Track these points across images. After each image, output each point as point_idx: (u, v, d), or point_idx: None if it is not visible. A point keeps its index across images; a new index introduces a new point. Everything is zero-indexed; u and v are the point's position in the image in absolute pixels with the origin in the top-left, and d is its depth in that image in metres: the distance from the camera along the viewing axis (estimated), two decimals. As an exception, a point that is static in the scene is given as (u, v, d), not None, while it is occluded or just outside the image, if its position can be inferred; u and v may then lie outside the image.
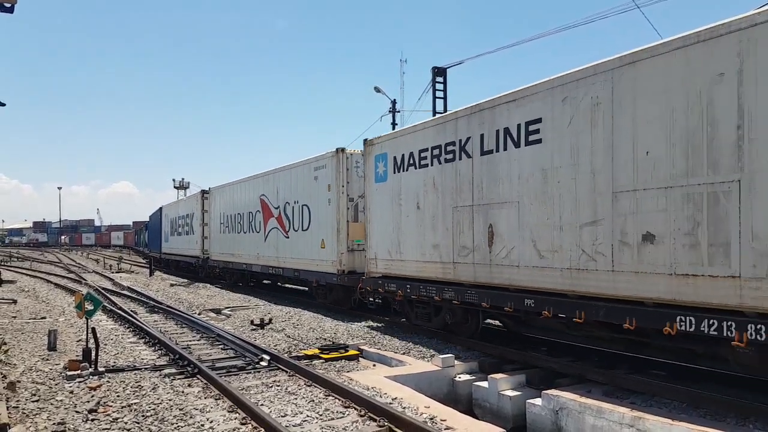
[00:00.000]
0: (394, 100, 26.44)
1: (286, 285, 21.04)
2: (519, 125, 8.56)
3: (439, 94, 19.95)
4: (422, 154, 10.85)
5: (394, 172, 11.76)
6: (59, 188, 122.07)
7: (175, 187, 79.79)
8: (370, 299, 13.31)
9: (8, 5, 9.08)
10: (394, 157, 11.73)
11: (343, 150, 14.57)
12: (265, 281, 22.20)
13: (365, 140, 13.00)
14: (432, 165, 10.57)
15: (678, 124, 6.41)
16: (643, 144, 6.76)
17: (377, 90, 26.50)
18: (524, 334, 10.28)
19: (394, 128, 25.86)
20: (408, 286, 11.26)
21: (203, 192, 26.70)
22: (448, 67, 20.27)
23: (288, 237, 17.53)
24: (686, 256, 6.33)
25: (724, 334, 5.98)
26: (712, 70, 6.08)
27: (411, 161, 11.21)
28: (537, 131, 8.25)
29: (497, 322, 11.60)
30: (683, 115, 6.36)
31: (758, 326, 5.72)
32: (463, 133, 9.74)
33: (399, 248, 11.62)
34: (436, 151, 10.47)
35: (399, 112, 26.46)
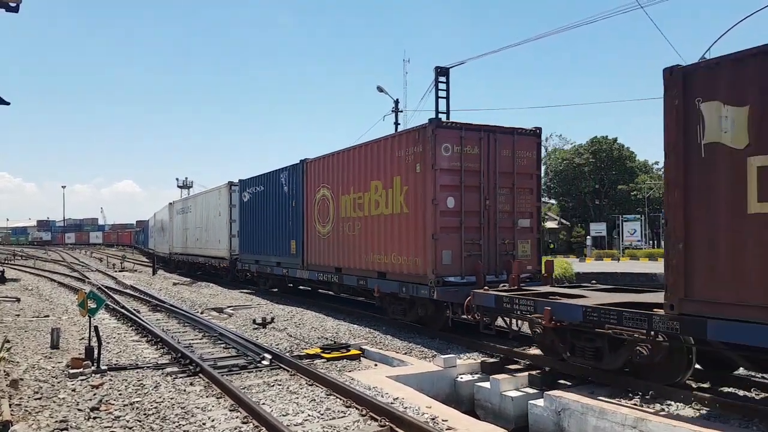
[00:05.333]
0: (397, 99, 26.48)
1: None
2: (188, 205, 31.05)
3: (442, 94, 19.92)
4: (181, 208, 32.52)
5: (175, 216, 33.72)
6: (63, 187, 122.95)
7: (178, 186, 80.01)
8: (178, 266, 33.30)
9: (13, 4, 9.09)
10: (176, 210, 33.72)
11: (171, 203, 35.58)
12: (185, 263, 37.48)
13: (171, 202, 35.71)
14: (181, 215, 32.23)
15: (206, 215, 26.85)
16: (199, 216, 28.02)
17: (380, 90, 26.52)
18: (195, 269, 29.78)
19: (396, 128, 26.01)
20: (178, 257, 32.34)
21: (155, 213, 45.56)
22: (451, 67, 20.25)
23: (164, 238, 37.80)
24: (204, 242, 27.23)
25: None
26: (215, 204, 25.46)
27: (179, 212, 32.87)
28: (190, 208, 30.29)
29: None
30: (208, 213, 26.53)
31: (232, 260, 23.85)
32: (185, 205, 32.09)
33: (173, 243, 33.73)
34: (181, 208, 32.56)
35: (402, 111, 26.49)
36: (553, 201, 59.13)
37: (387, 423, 6.07)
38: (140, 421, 6.32)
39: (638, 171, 55.04)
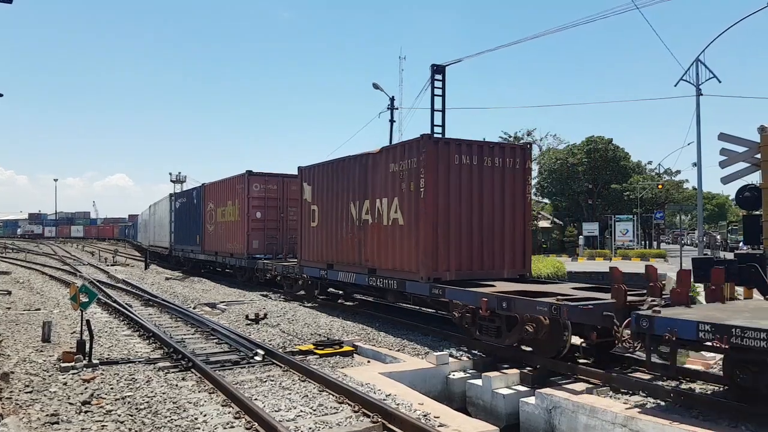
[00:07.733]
0: (392, 97, 26.46)
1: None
2: (156, 208, 36.92)
3: (438, 91, 19.94)
4: (153, 210, 38.44)
5: (150, 215, 39.44)
6: (55, 180, 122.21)
7: (171, 180, 79.49)
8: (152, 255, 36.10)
9: (6, -5, 9.01)
10: (151, 211, 39.56)
11: (150, 205, 39.58)
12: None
13: (150, 205, 39.99)
14: (153, 215, 38.58)
15: (162, 216, 34.00)
16: (159, 217, 35.18)
17: (376, 87, 26.47)
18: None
19: (392, 126, 26.12)
20: (151, 248, 37.43)
21: (142, 212, 50.14)
22: (447, 65, 20.26)
23: (146, 233, 42.81)
24: (160, 237, 34.82)
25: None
26: (165, 209, 33.16)
27: (152, 213, 39.00)
28: (156, 211, 36.37)
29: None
30: (162, 216, 33.76)
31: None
32: (155, 208, 37.49)
33: (149, 237, 39.70)
34: (153, 210, 38.40)
35: (397, 109, 26.50)
36: (546, 200, 59.06)
37: (379, 419, 6.09)
38: (132, 416, 6.30)
39: (632, 171, 55.09)
